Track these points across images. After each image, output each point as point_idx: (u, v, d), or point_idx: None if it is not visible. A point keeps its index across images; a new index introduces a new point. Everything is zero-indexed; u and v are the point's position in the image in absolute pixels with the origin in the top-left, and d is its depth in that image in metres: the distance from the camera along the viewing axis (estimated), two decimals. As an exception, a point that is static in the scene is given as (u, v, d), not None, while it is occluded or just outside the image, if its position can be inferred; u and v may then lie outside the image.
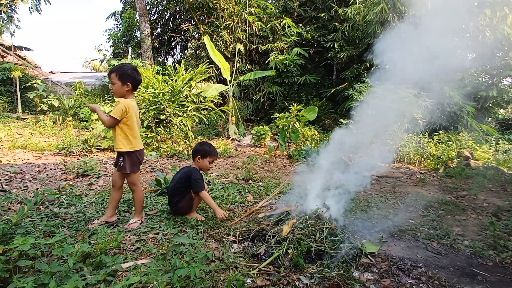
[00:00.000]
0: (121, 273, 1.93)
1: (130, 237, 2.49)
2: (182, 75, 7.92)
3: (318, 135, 9.06)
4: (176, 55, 17.18)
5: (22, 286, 1.51)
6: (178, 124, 7.41)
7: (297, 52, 11.85)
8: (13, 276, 1.63)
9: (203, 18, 13.22)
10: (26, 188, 3.78)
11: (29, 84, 12.31)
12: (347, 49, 11.37)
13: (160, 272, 1.85)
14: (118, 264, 1.92)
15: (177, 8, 14.67)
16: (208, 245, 2.41)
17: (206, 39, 9.73)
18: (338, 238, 2.42)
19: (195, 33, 13.50)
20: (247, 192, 4.00)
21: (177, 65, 8.49)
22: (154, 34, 15.71)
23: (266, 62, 12.22)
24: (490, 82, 10.58)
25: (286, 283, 1.95)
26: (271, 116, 10.43)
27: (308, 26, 13.05)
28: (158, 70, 11.32)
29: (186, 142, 7.20)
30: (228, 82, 9.95)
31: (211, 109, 8.55)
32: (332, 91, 11.99)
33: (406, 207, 3.67)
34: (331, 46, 11.90)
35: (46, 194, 2.79)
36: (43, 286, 1.59)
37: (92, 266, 1.90)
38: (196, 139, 7.90)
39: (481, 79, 10.76)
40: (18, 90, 12.64)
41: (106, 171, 4.79)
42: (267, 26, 12.34)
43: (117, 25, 16.64)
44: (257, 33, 12.46)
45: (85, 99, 12.04)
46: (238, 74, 11.66)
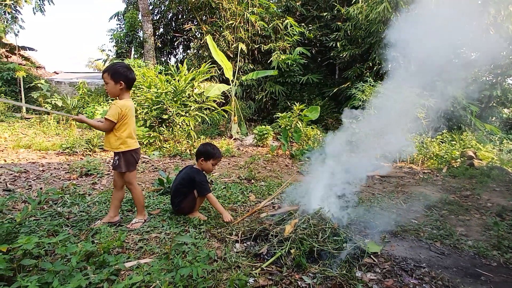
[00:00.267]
0: (124, 272, 1.94)
1: (133, 236, 2.50)
2: (184, 75, 7.94)
3: (321, 135, 9.04)
4: (178, 55, 17.23)
5: (26, 285, 1.52)
6: (180, 123, 7.43)
7: (299, 51, 11.82)
8: (17, 275, 1.65)
9: (206, 18, 13.24)
10: (30, 187, 3.81)
11: (33, 84, 12.41)
12: (350, 48, 11.33)
13: (163, 271, 1.86)
14: (121, 263, 1.93)
15: (179, 8, 14.70)
16: (210, 244, 2.42)
17: (208, 39, 9.75)
18: (341, 238, 2.42)
19: (198, 33, 13.52)
20: (250, 191, 4.01)
21: (179, 65, 8.52)
22: (157, 34, 15.76)
23: (269, 62, 12.21)
24: (494, 81, 10.49)
25: (288, 283, 1.95)
26: (274, 115, 10.42)
27: (310, 25, 13.02)
28: (160, 70, 11.36)
29: (188, 142, 7.21)
30: (230, 82, 9.96)
31: (214, 108, 8.56)
32: (334, 91, 11.96)
33: (409, 207, 3.65)
34: (334, 45, 11.86)
35: (50, 194, 2.81)
36: (47, 285, 1.61)
37: (95, 265, 1.91)
38: (198, 139, 7.91)
39: (485, 78, 10.68)
40: (22, 90, 12.74)
41: (109, 171, 4.81)
42: (270, 26, 12.33)
43: (120, 25, 16.71)
44: (259, 32, 12.46)
45: (88, 99, 12.11)
46: (240, 73, 11.67)
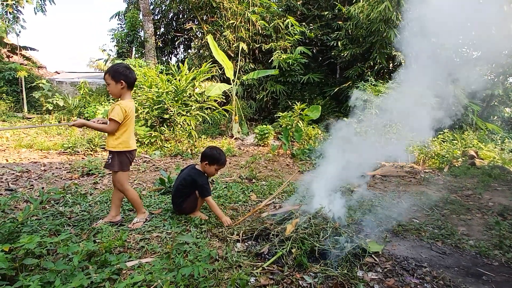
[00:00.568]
0: (125, 271, 1.94)
1: (134, 235, 2.50)
2: (185, 75, 7.94)
3: (322, 134, 9.03)
4: (179, 55, 17.25)
5: (28, 284, 1.52)
6: (181, 123, 7.44)
7: (300, 51, 11.81)
8: (19, 274, 1.65)
9: (206, 18, 13.24)
10: (32, 187, 3.83)
11: (34, 84, 12.45)
12: (351, 47, 11.31)
13: (164, 270, 1.86)
14: (123, 262, 1.93)
15: (180, 7, 14.71)
16: (211, 244, 2.42)
17: (209, 38, 9.75)
18: (342, 237, 2.42)
19: (199, 32, 13.53)
20: (251, 191, 4.01)
21: (180, 64, 8.52)
22: (158, 33, 15.77)
23: (269, 61, 12.20)
24: (496, 80, 10.46)
25: (289, 282, 1.95)
26: (275, 115, 10.41)
27: (311, 24, 13.00)
28: (161, 69, 11.37)
29: (189, 141, 7.22)
30: (231, 81, 9.96)
31: (215, 108, 8.56)
32: (335, 90, 11.94)
33: (410, 207, 3.65)
34: (335, 44, 11.84)
35: (51, 193, 2.82)
36: (49, 284, 1.61)
37: (97, 264, 1.92)
38: (199, 138, 7.92)
39: (486, 77, 10.64)
40: (24, 90, 12.79)
41: (110, 171, 4.82)
42: (270, 25, 12.31)
43: (121, 25, 16.74)
44: (260, 32, 12.45)
45: (90, 98, 12.13)
46: (241, 73, 11.66)
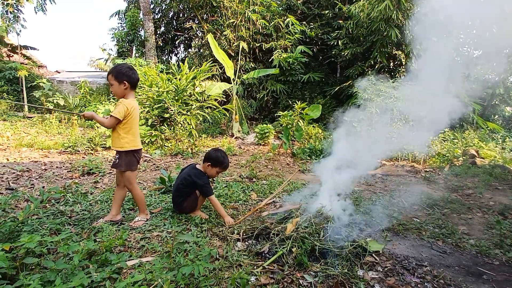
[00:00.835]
0: (126, 270, 1.94)
1: (134, 235, 2.50)
2: (186, 74, 7.94)
3: (322, 133, 9.02)
4: (180, 54, 17.24)
5: (28, 283, 1.52)
6: (182, 122, 7.44)
7: (300, 50, 11.80)
8: (19, 273, 1.66)
9: (207, 17, 13.22)
10: (33, 186, 3.83)
11: (35, 83, 12.44)
12: (351, 46, 11.30)
13: (164, 269, 1.86)
14: (123, 261, 1.93)
15: (180, 6, 14.68)
16: (212, 243, 2.42)
17: (209, 38, 9.74)
18: (342, 236, 2.42)
19: (199, 31, 13.52)
20: (251, 190, 4.01)
21: (180, 63, 8.52)
22: (158, 32, 15.76)
23: (270, 60, 12.19)
24: (497, 79, 10.44)
25: (290, 282, 1.95)
26: (275, 114, 10.42)
27: (311, 23, 12.98)
28: (162, 68, 11.37)
29: (190, 141, 7.22)
30: (231, 81, 9.96)
31: (215, 107, 8.56)
32: (336, 89, 11.93)
33: (411, 206, 3.64)
34: (335, 43, 11.83)
35: (52, 192, 2.81)
36: (49, 283, 1.61)
37: (97, 263, 1.92)
38: (200, 138, 7.92)
39: (487, 76, 10.63)
40: (24, 89, 12.79)
41: (111, 170, 4.82)
42: (271, 24, 12.30)
43: (121, 24, 16.73)
44: (260, 31, 12.43)
45: (90, 98, 12.14)
46: (241, 72, 11.66)
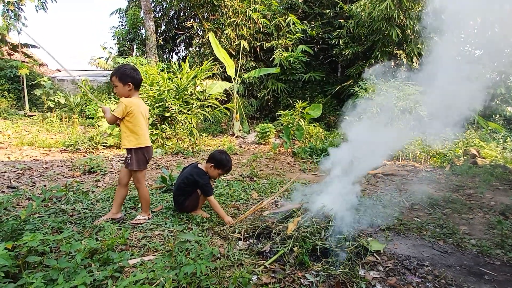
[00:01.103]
0: (128, 269, 1.95)
1: (136, 233, 2.51)
2: (186, 73, 7.94)
3: (323, 133, 9.02)
4: (180, 53, 17.23)
5: (31, 282, 1.53)
6: (183, 121, 7.44)
7: (301, 49, 11.78)
8: (22, 271, 1.66)
9: (208, 16, 13.21)
10: (34, 184, 3.83)
11: (36, 81, 12.44)
12: (352, 46, 11.28)
13: (166, 268, 1.87)
14: (125, 260, 1.94)
15: (181, 5, 14.67)
16: (213, 242, 2.43)
17: (210, 36, 9.73)
18: (344, 236, 2.42)
19: (200, 30, 13.51)
20: (252, 189, 4.01)
21: (181, 62, 8.51)
22: (159, 31, 15.75)
23: (271, 59, 12.18)
24: (498, 79, 10.42)
25: (291, 281, 1.95)
26: (276, 113, 10.41)
27: (312, 23, 12.96)
28: (163, 67, 11.36)
29: (191, 140, 7.22)
30: (232, 80, 9.95)
31: (216, 106, 8.56)
32: (337, 89, 11.92)
33: (412, 205, 3.65)
34: (336, 43, 11.81)
35: (53, 191, 2.82)
36: (52, 282, 1.62)
37: (99, 262, 1.92)
38: (200, 136, 7.92)
39: (488, 76, 10.60)
40: (25, 87, 12.79)
41: (112, 168, 4.83)
42: (272, 23, 12.28)
43: (122, 22, 16.72)
44: (261, 30, 12.42)
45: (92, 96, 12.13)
46: (242, 71, 11.65)
